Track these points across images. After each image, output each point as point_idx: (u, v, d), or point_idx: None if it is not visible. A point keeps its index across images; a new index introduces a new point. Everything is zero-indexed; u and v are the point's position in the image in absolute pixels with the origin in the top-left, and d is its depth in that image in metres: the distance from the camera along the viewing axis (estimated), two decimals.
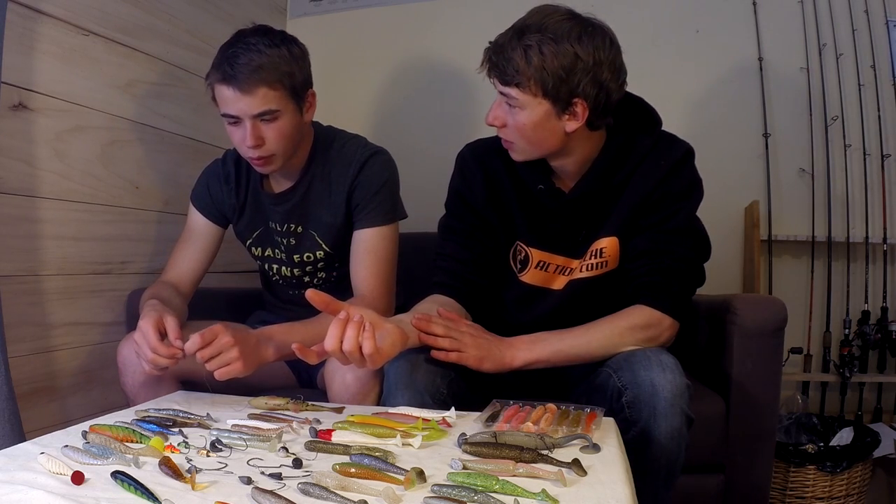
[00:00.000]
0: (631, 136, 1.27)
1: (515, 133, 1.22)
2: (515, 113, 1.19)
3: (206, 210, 1.53)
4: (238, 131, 1.32)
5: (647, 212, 1.26)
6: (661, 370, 1.08)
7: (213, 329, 1.12)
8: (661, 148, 1.27)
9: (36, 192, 1.43)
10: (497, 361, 1.19)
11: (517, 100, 1.17)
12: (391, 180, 1.46)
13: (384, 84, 2.37)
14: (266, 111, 1.30)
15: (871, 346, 1.97)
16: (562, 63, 1.13)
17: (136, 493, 0.72)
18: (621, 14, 2.18)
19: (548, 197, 1.30)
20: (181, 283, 1.47)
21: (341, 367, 1.24)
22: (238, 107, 1.29)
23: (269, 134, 1.32)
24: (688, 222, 1.27)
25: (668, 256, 1.23)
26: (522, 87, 1.16)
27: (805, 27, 2.06)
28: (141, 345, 1.15)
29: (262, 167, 1.37)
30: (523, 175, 1.31)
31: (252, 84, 1.27)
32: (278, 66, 1.30)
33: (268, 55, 1.29)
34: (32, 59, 1.40)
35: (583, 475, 0.80)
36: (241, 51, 1.28)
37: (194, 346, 1.10)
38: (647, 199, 1.26)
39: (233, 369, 1.12)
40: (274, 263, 1.54)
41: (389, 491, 0.72)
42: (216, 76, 1.29)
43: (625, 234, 1.28)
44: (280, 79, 1.30)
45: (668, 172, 1.25)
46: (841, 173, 2.04)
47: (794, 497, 1.76)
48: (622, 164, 1.26)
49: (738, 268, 2.11)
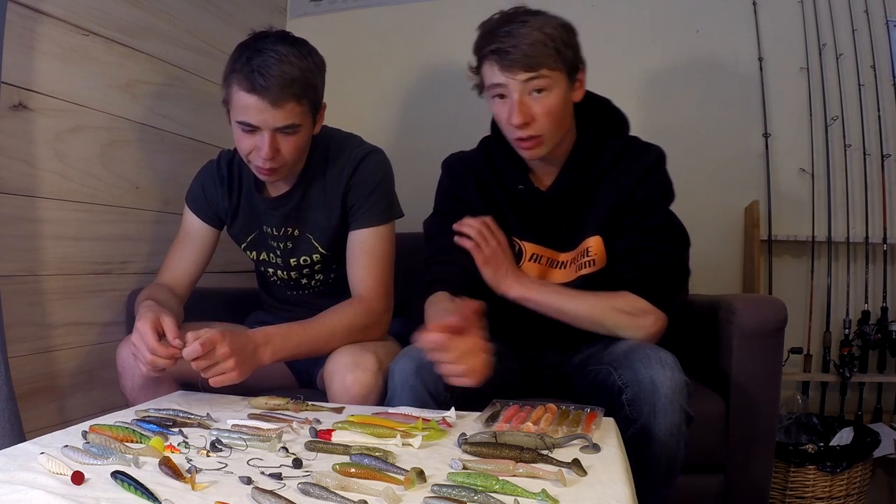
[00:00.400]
0: (600, 136, 1.32)
1: (546, 121, 1.23)
2: (544, 98, 1.21)
3: (201, 212, 1.52)
4: (251, 140, 1.29)
5: (625, 214, 1.30)
6: (661, 367, 1.09)
7: (211, 338, 1.10)
8: (633, 151, 1.32)
9: (36, 192, 1.43)
10: (496, 280, 1.29)
11: (548, 80, 1.20)
12: (386, 179, 1.45)
13: (384, 84, 2.37)
14: (289, 125, 1.27)
15: (871, 346, 1.97)
16: (563, 35, 1.22)
17: (136, 493, 0.72)
18: (621, 14, 2.18)
19: (527, 196, 1.34)
20: (177, 285, 1.46)
21: (341, 368, 1.25)
22: (262, 118, 1.25)
23: (285, 146, 1.30)
24: (665, 219, 1.31)
25: (649, 253, 1.26)
26: (551, 66, 1.20)
27: (805, 27, 2.06)
28: (139, 346, 1.15)
29: (269, 177, 1.36)
30: (504, 177, 1.36)
31: (283, 98, 1.24)
32: (307, 80, 1.27)
33: (299, 68, 1.25)
34: (32, 59, 1.40)
35: (583, 475, 0.80)
36: (272, 61, 1.23)
37: (194, 354, 1.09)
38: (624, 201, 1.30)
39: (227, 378, 1.12)
40: (269, 267, 1.54)
41: (389, 491, 0.72)
42: (244, 84, 1.24)
43: (607, 234, 1.32)
44: (307, 93, 1.28)
45: (642, 176, 1.29)
46: (841, 173, 2.04)
47: (794, 497, 1.76)
48: (593, 162, 1.31)
49: (738, 268, 2.11)
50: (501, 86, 1.22)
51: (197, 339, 1.09)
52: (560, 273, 1.36)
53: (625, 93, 2.17)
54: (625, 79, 2.15)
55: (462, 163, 1.42)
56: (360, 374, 1.23)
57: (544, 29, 1.20)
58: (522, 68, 1.19)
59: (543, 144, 1.25)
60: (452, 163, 1.44)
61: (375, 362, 1.24)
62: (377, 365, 1.24)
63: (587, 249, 1.33)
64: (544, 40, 1.19)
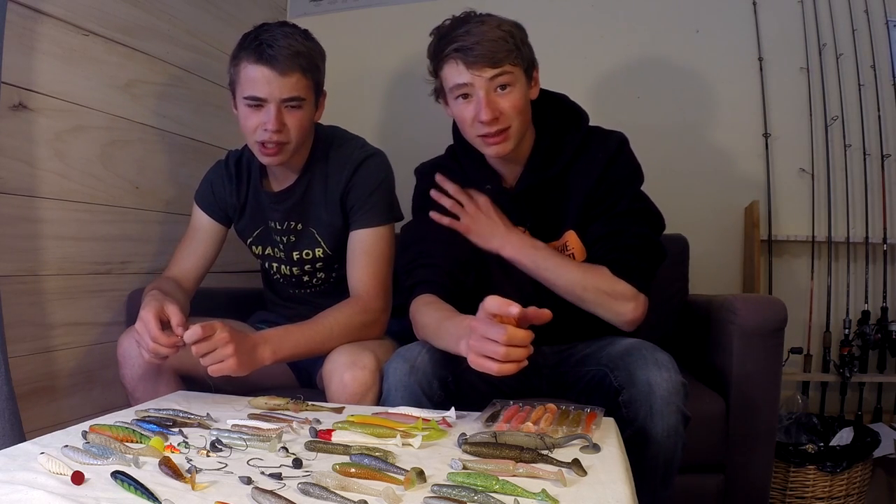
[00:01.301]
0: (559, 132, 1.33)
1: (513, 115, 1.24)
2: (509, 94, 1.23)
3: (209, 209, 1.54)
4: (258, 115, 1.33)
5: (595, 203, 1.31)
6: (657, 369, 1.09)
7: (212, 324, 1.13)
8: (594, 142, 1.33)
9: (36, 192, 1.43)
10: (484, 240, 1.31)
11: (511, 76, 1.22)
12: (386, 181, 1.47)
13: (384, 84, 2.37)
14: (295, 97, 1.32)
15: (871, 346, 1.97)
16: (518, 33, 1.25)
17: (136, 493, 0.72)
18: (622, 14, 2.18)
19: (495, 195, 1.35)
20: (184, 279, 1.49)
21: (339, 366, 1.25)
22: (269, 88, 1.30)
23: (291, 121, 1.34)
24: (637, 202, 1.31)
25: (622, 236, 1.27)
26: (512, 62, 1.21)
27: (805, 27, 2.06)
28: (142, 333, 1.17)
29: (273, 155, 1.37)
30: (472, 179, 1.37)
31: (290, 67, 1.30)
32: (313, 57, 1.35)
33: (304, 45, 1.33)
34: (32, 59, 1.40)
35: (583, 475, 0.80)
36: (280, 35, 1.31)
37: (194, 336, 1.11)
38: (593, 191, 1.30)
39: (226, 366, 1.13)
40: (274, 262, 1.55)
41: (389, 491, 0.72)
42: (251, 56, 1.30)
43: (581, 226, 1.32)
44: (311, 69, 1.35)
45: (606, 164, 1.30)
46: (841, 173, 2.04)
47: (794, 497, 1.76)
48: (554, 158, 1.32)
49: (738, 268, 2.11)
50: (467, 85, 1.22)
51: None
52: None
53: (625, 93, 2.18)
54: (625, 79, 2.16)
55: (434, 167, 1.42)
56: (359, 373, 1.23)
57: (502, 27, 1.22)
58: (488, 64, 1.20)
59: (511, 139, 1.26)
60: (424, 169, 1.46)
61: (374, 361, 1.25)
62: (375, 364, 1.25)
63: (566, 244, 1.33)
64: (504, 37, 1.21)
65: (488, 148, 1.27)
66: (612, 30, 2.16)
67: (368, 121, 2.34)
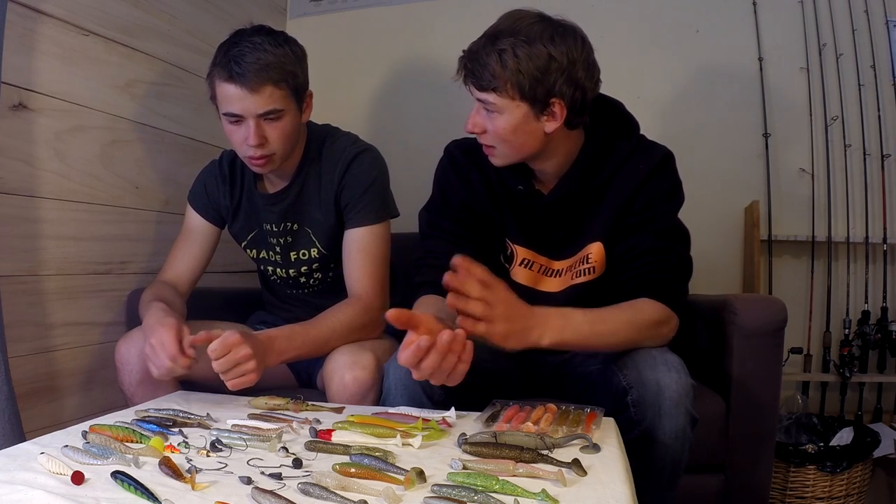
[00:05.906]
0: (609, 140, 1.29)
1: (495, 138, 1.22)
2: (494, 118, 1.20)
3: (203, 210, 1.53)
4: (239, 130, 1.32)
5: (631, 214, 1.26)
6: (667, 370, 1.08)
7: (234, 340, 1.11)
8: (639, 152, 1.29)
9: (36, 192, 1.43)
10: (523, 340, 1.05)
11: (495, 104, 1.18)
12: (380, 178, 1.45)
13: (383, 84, 2.37)
14: (271, 110, 1.30)
15: (871, 346, 1.97)
16: (537, 64, 1.15)
17: (136, 493, 0.72)
18: (622, 14, 2.18)
19: (526, 198, 1.31)
20: (179, 282, 1.48)
21: (340, 367, 1.25)
22: (243, 105, 1.29)
23: (272, 133, 1.33)
24: (679, 222, 1.29)
25: (672, 254, 1.23)
26: (500, 92, 1.17)
27: (805, 27, 2.06)
28: (158, 352, 1.16)
29: (261, 167, 1.37)
30: (504, 175, 1.32)
31: (259, 82, 1.27)
32: (284, 65, 1.31)
33: (273, 54, 1.29)
34: (32, 59, 1.40)
35: (583, 475, 0.80)
36: (247, 49, 1.28)
37: (215, 353, 1.10)
38: (629, 203, 1.26)
39: (246, 380, 1.12)
40: (269, 265, 1.55)
41: (389, 491, 0.72)
42: (222, 74, 1.29)
43: (609, 239, 1.29)
44: (285, 78, 1.31)
45: (647, 175, 1.26)
46: (841, 173, 2.04)
47: (794, 497, 1.76)
48: (601, 167, 1.28)
49: (738, 268, 2.11)
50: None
51: (216, 338, 1.11)
52: (553, 282, 1.34)
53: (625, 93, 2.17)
54: (625, 79, 2.15)
55: (467, 154, 1.37)
56: (359, 373, 1.23)
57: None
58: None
59: (496, 157, 1.26)
60: (457, 152, 1.38)
61: (373, 361, 1.25)
62: (375, 363, 1.25)
63: (587, 256, 1.30)
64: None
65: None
66: (612, 30, 2.16)
67: (367, 121, 2.34)
